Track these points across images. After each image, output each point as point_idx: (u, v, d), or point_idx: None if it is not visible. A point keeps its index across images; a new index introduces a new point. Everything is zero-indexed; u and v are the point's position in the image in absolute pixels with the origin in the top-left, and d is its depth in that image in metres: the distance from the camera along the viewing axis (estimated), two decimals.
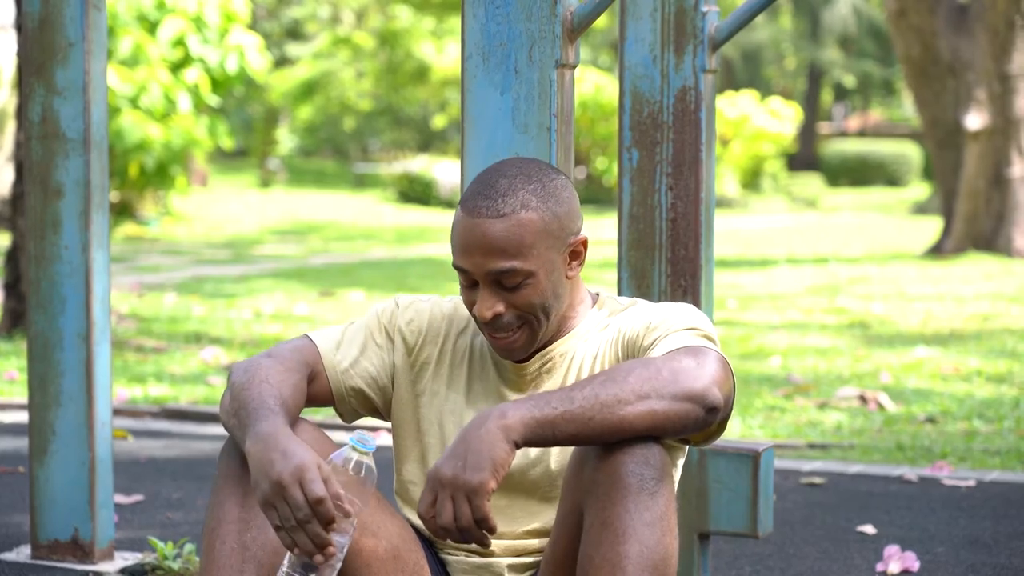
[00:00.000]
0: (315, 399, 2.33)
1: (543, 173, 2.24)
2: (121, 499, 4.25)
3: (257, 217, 20.93)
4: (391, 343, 2.36)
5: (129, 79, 15.54)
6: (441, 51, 29.72)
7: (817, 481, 4.70)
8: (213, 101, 16.74)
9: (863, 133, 36.47)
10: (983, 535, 3.96)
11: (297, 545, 2.01)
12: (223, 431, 5.43)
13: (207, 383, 6.64)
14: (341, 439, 2.21)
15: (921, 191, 27.96)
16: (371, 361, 2.35)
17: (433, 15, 29.69)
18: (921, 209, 23.68)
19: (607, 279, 11.12)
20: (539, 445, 2.05)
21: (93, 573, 3.39)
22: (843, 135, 36.81)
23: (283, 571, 2.05)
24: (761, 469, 3.07)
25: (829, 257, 14.86)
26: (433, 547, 2.35)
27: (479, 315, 2.22)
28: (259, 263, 14.51)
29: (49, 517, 3.45)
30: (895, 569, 3.54)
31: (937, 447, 5.28)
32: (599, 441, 2.06)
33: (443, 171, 24.10)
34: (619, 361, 2.25)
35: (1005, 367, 7.27)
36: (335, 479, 2.03)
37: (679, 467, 2.28)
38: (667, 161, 3.14)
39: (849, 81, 36.48)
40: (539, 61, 2.64)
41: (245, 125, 29.43)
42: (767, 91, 33.29)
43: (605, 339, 2.29)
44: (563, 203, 2.23)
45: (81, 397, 3.43)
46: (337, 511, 2.02)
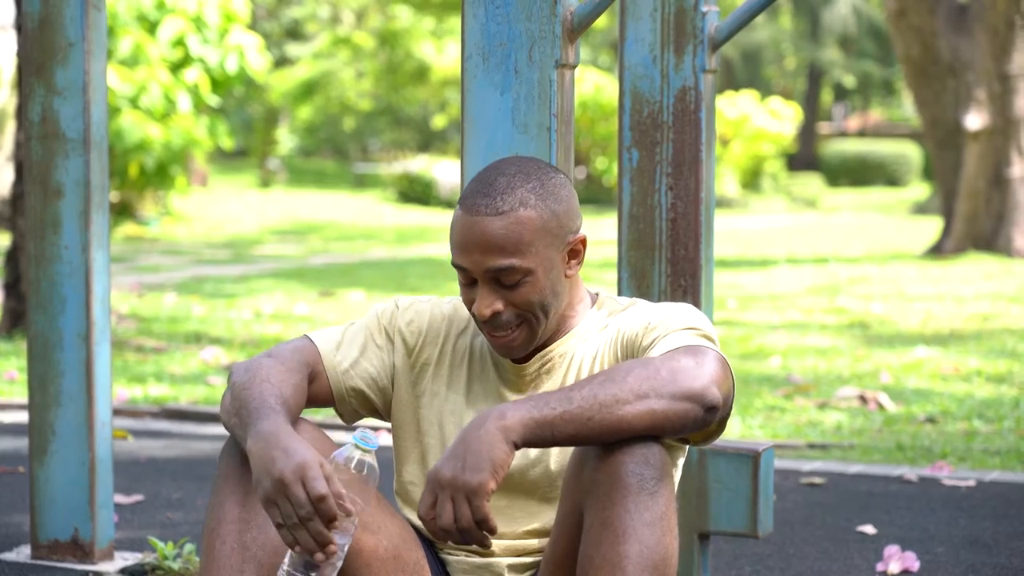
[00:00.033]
0: (315, 399, 2.33)
1: (542, 171, 2.24)
2: (121, 499, 4.25)
3: (257, 217, 20.93)
4: (391, 344, 2.36)
5: (129, 79, 15.54)
6: (441, 51, 29.72)
7: (817, 481, 4.70)
8: (213, 101, 16.74)
9: (863, 133, 36.47)
10: (983, 535, 3.96)
11: (298, 543, 2.01)
12: (223, 431, 5.43)
13: (207, 383, 6.64)
14: (341, 439, 2.21)
15: (921, 191, 27.96)
16: (371, 362, 2.35)
17: (433, 15, 29.69)
18: (921, 209, 23.68)
19: (607, 279, 11.12)
20: (538, 446, 2.05)
21: (93, 573, 3.39)
22: (843, 135, 36.81)
23: (284, 570, 2.05)
24: (761, 469, 3.07)
25: (829, 257, 14.86)
26: (433, 547, 2.35)
27: (478, 313, 2.22)
28: (259, 263, 14.50)
29: (49, 517, 3.45)
30: (895, 569, 3.54)
31: (937, 447, 5.28)
32: (598, 441, 2.06)
33: (443, 171, 24.10)
34: (618, 361, 2.25)
35: (1005, 367, 7.27)
36: (337, 477, 2.03)
37: (679, 467, 2.28)
38: (667, 161, 3.14)
39: (849, 81, 36.48)
40: (539, 61, 2.64)
41: (245, 125, 29.43)
42: (767, 91, 33.28)
43: (604, 339, 2.29)
44: (562, 201, 2.23)
45: (81, 397, 3.43)
46: (339, 509, 2.02)
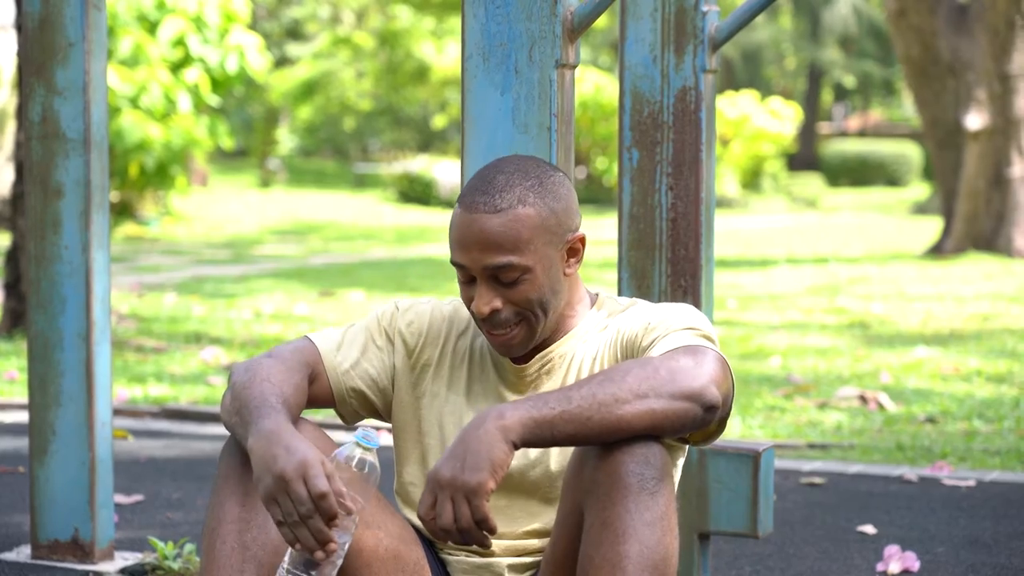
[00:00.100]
0: (316, 400, 2.33)
1: (541, 170, 2.25)
2: (121, 499, 4.25)
3: (257, 217, 20.92)
4: (391, 345, 2.36)
5: (129, 79, 15.54)
6: (441, 51, 29.72)
7: (817, 481, 4.70)
8: (213, 101, 16.74)
9: (863, 133, 36.46)
10: (983, 535, 3.96)
11: (299, 541, 2.01)
12: (223, 431, 5.43)
13: (207, 383, 6.64)
14: (341, 439, 2.21)
15: (921, 191, 27.96)
16: (371, 363, 2.35)
17: (433, 15, 29.69)
18: (921, 209, 23.67)
19: (607, 279, 11.12)
20: (538, 445, 2.05)
21: (93, 573, 3.39)
22: (843, 135, 36.81)
23: (284, 568, 2.05)
24: (761, 469, 3.07)
25: (829, 257, 14.85)
26: (433, 547, 2.35)
27: (476, 311, 2.22)
28: (259, 263, 14.50)
29: (49, 517, 3.45)
30: (895, 569, 3.54)
31: (937, 447, 5.28)
32: (598, 441, 2.06)
33: (443, 171, 24.10)
34: (618, 362, 2.25)
35: (1005, 367, 7.27)
36: (338, 475, 2.03)
37: (679, 467, 2.28)
38: (667, 161, 3.14)
39: (849, 81, 36.48)
40: (539, 61, 2.64)
41: (245, 125, 29.44)
42: (767, 91, 33.28)
43: (604, 340, 2.29)
44: (561, 199, 2.24)
45: (81, 397, 3.43)
46: (339, 508, 2.02)
